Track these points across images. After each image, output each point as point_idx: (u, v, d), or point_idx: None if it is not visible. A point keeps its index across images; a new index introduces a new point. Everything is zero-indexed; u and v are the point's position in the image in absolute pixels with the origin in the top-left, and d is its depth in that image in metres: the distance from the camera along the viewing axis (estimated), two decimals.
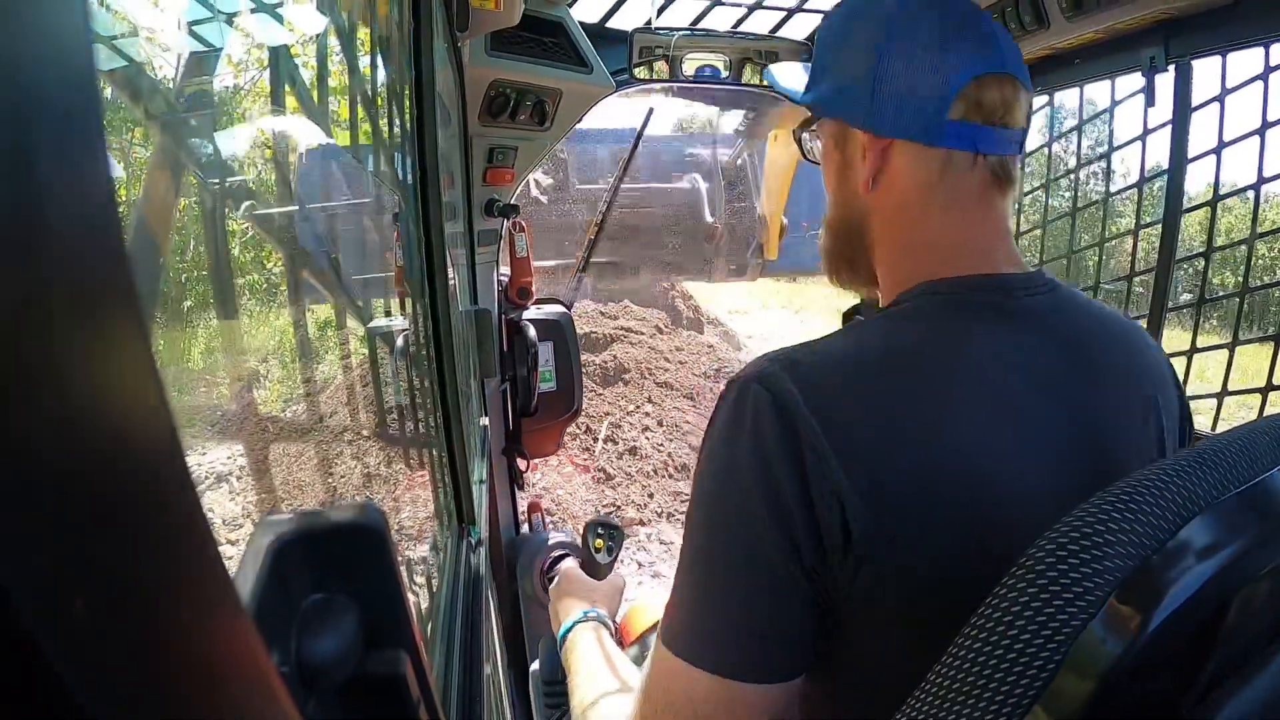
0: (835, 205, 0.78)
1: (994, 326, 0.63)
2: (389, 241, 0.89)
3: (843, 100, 0.72)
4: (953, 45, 0.66)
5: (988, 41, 0.68)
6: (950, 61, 0.66)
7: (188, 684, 0.15)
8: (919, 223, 0.70)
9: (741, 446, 0.57)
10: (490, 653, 0.89)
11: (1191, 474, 0.48)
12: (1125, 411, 0.66)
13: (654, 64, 1.70)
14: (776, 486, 0.56)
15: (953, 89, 0.66)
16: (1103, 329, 0.68)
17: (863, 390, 0.58)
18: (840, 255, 0.79)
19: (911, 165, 0.69)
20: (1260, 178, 1.25)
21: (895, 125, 0.68)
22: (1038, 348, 0.63)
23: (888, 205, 0.72)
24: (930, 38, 0.67)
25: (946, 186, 0.68)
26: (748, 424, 0.57)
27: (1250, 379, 1.33)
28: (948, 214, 0.69)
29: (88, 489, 0.12)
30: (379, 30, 0.72)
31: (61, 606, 0.11)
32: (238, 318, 0.70)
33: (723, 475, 0.59)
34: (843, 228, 0.77)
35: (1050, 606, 0.44)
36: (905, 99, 0.67)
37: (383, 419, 0.89)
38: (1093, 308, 0.70)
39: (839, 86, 0.72)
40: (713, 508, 0.59)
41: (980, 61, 0.67)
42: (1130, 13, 1.22)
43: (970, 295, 0.65)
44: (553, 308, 1.95)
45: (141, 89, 0.41)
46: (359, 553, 0.29)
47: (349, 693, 0.29)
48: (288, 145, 0.68)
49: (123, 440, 0.13)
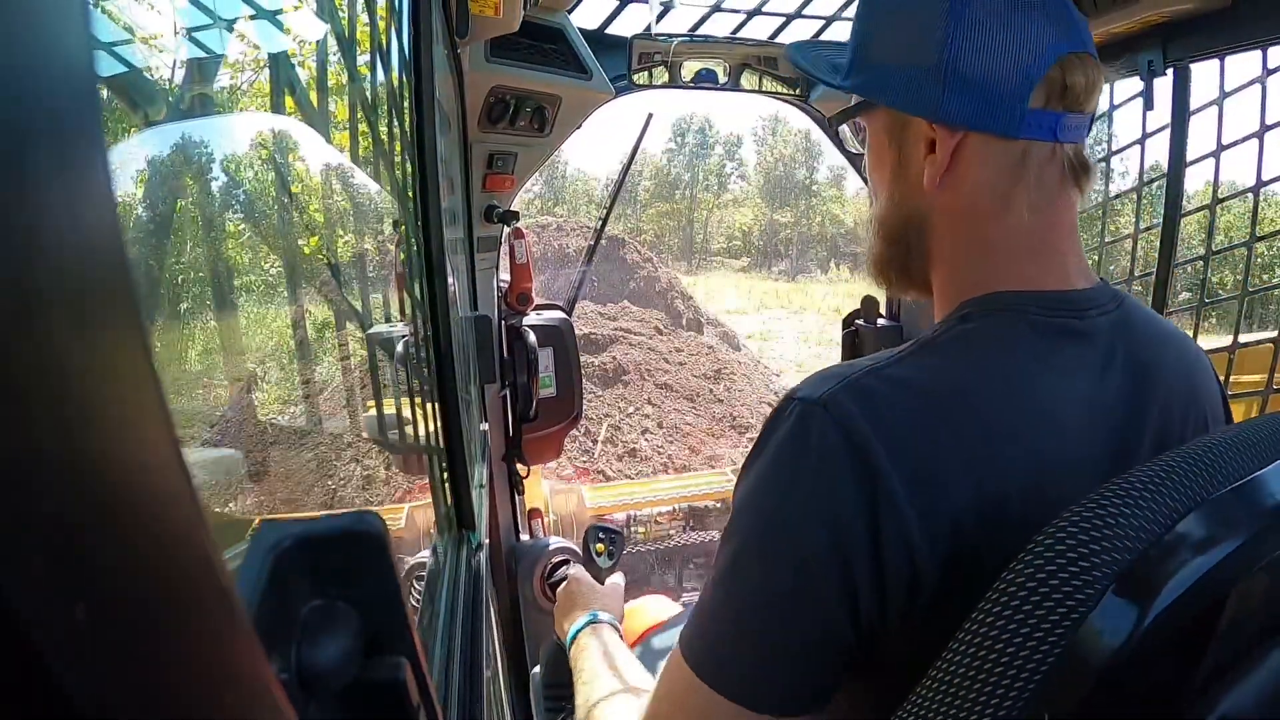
0: (889, 205, 0.70)
1: (1067, 352, 0.59)
2: (389, 247, 0.89)
3: (902, 86, 0.63)
4: (1033, 20, 0.59)
5: (1066, 15, 0.61)
6: (1031, 40, 0.59)
7: (187, 690, 0.14)
8: (989, 224, 0.63)
9: (804, 479, 0.54)
10: (490, 658, 0.89)
11: (1189, 470, 0.48)
12: (1186, 435, 0.64)
13: (653, 70, 1.70)
14: (842, 536, 0.52)
15: (1037, 73, 0.59)
16: (1165, 348, 0.65)
17: (938, 429, 0.54)
18: (893, 261, 0.71)
19: (985, 160, 0.62)
20: (1259, 180, 1.26)
21: (970, 116, 0.61)
22: (1108, 372, 0.60)
23: (955, 205, 0.65)
24: (1008, 11, 0.59)
25: (1024, 183, 0.62)
26: (812, 457, 0.53)
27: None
28: (1022, 215, 0.62)
29: (88, 494, 0.12)
30: (379, 36, 0.72)
31: (62, 612, 0.11)
32: (237, 322, 0.70)
33: (779, 503, 0.55)
34: (899, 230, 0.69)
35: (1049, 600, 0.44)
36: (981, 85, 0.60)
37: (383, 424, 0.89)
38: (1152, 324, 0.67)
39: (896, 70, 0.64)
40: (765, 536, 0.55)
41: (1064, 40, 0.60)
42: (1128, 16, 1.22)
43: (1042, 315, 0.60)
44: (553, 314, 1.95)
45: (142, 94, 0.41)
46: (359, 558, 0.29)
47: (349, 699, 0.29)
48: (288, 151, 0.68)
49: (123, 445, 0.12)
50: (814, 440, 0.53)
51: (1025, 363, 0.58)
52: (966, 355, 0.59)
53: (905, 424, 0.54)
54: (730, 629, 0.56)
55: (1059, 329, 0.60)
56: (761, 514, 0.56)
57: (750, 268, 29.18)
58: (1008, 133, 0.61)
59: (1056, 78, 0.60)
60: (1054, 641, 0.43)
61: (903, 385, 0.56)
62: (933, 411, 0.55)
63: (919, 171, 0.65)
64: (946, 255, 0.67)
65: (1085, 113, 0.62)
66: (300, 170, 0.75)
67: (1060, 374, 0.58)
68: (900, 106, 0.65)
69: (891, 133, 0.67)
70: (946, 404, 0.55)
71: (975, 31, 0.59)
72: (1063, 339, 0.60)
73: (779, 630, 0.54)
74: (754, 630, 0.55)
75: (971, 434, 0.54)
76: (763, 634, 0.55)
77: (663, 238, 30.80)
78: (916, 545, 0.52)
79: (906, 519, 0.51)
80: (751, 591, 0.55)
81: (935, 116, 0.62)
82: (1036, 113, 0.60)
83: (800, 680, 0.55)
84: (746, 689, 0.54)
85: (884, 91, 0.65)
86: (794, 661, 0.54)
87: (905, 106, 0.64)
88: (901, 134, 0.66)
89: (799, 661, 0.54)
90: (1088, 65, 0.61)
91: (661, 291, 9.47)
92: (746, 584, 0.56)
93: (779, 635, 0.54)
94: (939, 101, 0.61)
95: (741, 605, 0.56)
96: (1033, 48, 0.59)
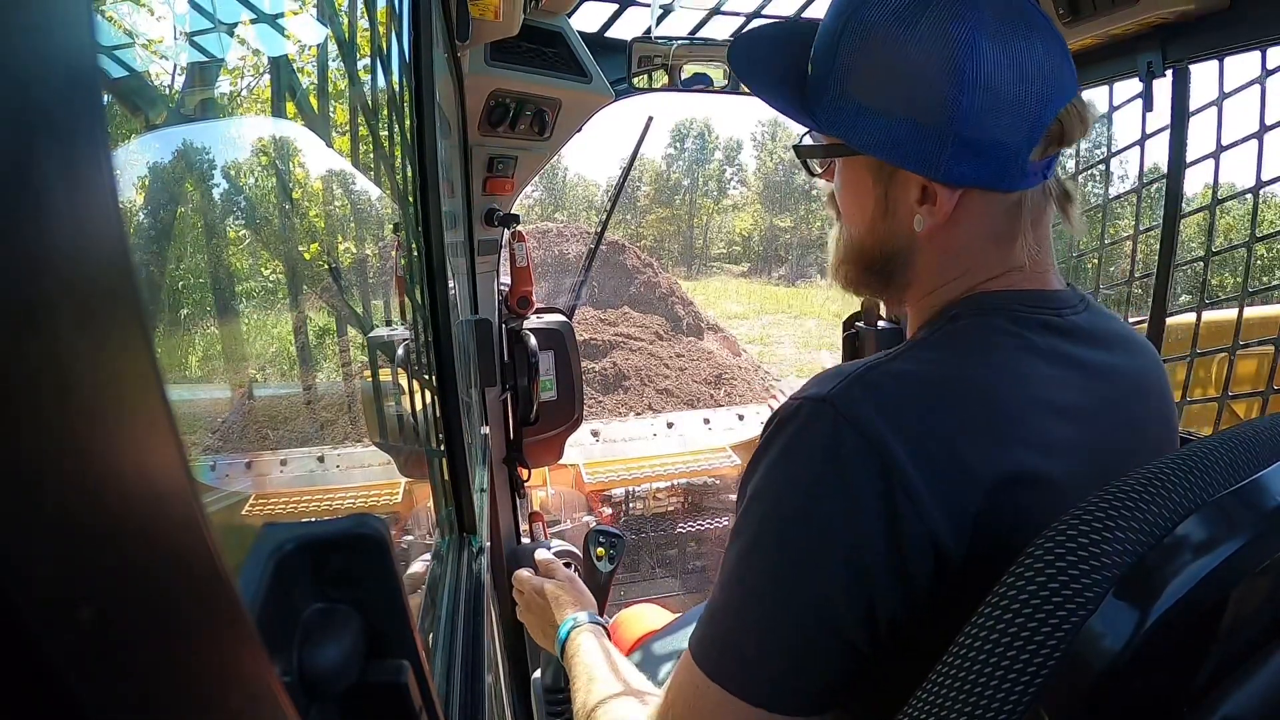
0: (870, 238, 0.67)
1: (1053, 345, 0.60)
2: (389, 251, 0.89)
3: (898, 141, 0.60)
4: (1037, 79, 0.57)
5: (1065, 62, 0.59)
6: (1035, 101, 0.58)
7: (191, 693, 0.15)
8: (979, 256, 0.64)
9: (818, 481, 0.53)
10: (492, 661, 0.89)
11: (1189, 472, 0.48)
12: (1160, 428, 0.67)
13: (653, 73, 1.71)
14: (861, 541, 0.52)
15: (1040, 133, 0.59)
16: (1124, 348, 0.66)
17: (948, 414, 0.54)
18: (870, 284, 0.71)
19: (983, 212, 0.62)
20: (1259, 180, 1.26)
21: (975, 178, 0.60)
22: (1089, 366, 0.62)
23: (948, 247, 0.64)
24: (1013, 71, 0.57)
25: (1020, 226, 0.63)
26: (826, 457, 0.53)
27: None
28: (1011, 244, 0.63)
29: (92, 498, 0.12)
30: (379, 40, 0.73)
31: (67, 615, 0.11)
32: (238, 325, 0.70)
33: (795, 506, 0.54)
34: (878, 261, 0.68)
35: (1049, 603, 0.44)
36: (988, 149, 0.58)
37: (384, 428, 0.89)
38: (1113, 324, 0.68)
39: (889, 120, 0.60)
40: (779, 539, 0.54)
41: (1063, 93, 0.59)
42: (1127, 18, 1.23)
43: (1025, 311, 0.61)
44: (553, 317, 1.96)
45: (144, 99, 0.42)
46: (360, 562, 0.29)
47: (351, 702, 0.29)
48: (288, 155, 0.68)
49: (127, 449, 0.13)
50: (826, 439, 0.53)
51: (1018, 353, 0.59)
52: (963, 347, 0.60)
53: (916, 412, 0.54)
54: (741, 629, 0.56)
55: (1042, 324, 0.61)
56: (775, 516, 0.55)
57: (750, 273, 29.20)
58: (1011, 188, 0.61)
59: (1056, 131, 0.60)
60: (1054, 644, 0.43)
61: (907, 377, 0.56)
62: (940, 398, 0.55)
63: (908, 214, 0.63)
64: (932, 277, 0.66)
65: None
66: (300, 175, 0.75)
67: (1049, 363, 0.59)
68: (897, 162, 0.61)
69: (876, 174, 0.64)
70: (952, 390, 0.56)
71: (982, 94, 0.57)
72: (1047, 333, 0.61)
73: (791, 637, 0.54)
74: (766, 632, 0.55)
75: (980, 417, 0.55)
76: (773, 636, 0.54)
77: (663, 243, 30.82)
78: (939, 532, 0.51)
79: (927, 509, 0.51)
80: (765, 596, 0.55)
81: (937, 176, 0.60)
82: (1038, 164, 0.61)
83: (813, 684, 0.54)
84: (759, 690, 0.54)
85: (877, 145, 0.61)
86: (807, 666, 0.54)
87: (904, 163, 0.61)
88: (889, 178, 0.63)
89: (812, 666, 0.54)
90: (1082, 109, 0.61)
91: (662, 297, 9.48)
92: (759, 588, 0.55)
93: (792, 643, 0.54)
94: (941, 162, 0.59)
95: (758, 611, 0.55)
96: (1037, 108, 0.58)
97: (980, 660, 0.45)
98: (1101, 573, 0.44)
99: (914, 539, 0.51)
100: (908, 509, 0.51)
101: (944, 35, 0.57)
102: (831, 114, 0.64)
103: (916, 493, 0.51)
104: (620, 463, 3.28)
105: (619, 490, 3.28)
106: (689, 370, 7.57)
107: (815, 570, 0.53)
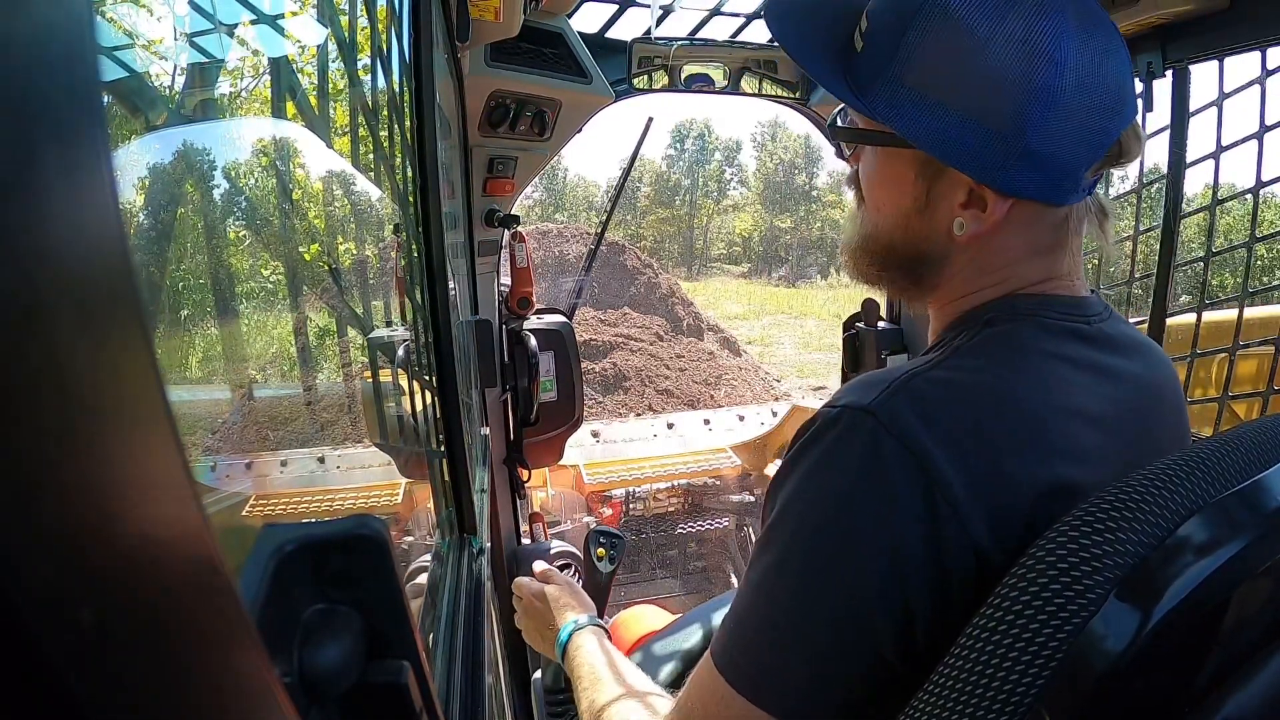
0: (900, 234, 0.65)
1: (1082, 352, 0.60)
2: (390, 252, 0.89)
3: (959, 140, 0.57)
4: (1110, 89, 0.56)
5: (1129, 67, 0.58)
6: (1107, 113, 0.56)
7: (191, 693, 0.14)
8: (1017, 268, 0.62)
9: (859, 496, 0.52)
10: (493, 662, 0.89)
11: (1190, 474, 0.48)
12: (1176, 438, 0.66)
13: (653, 74, 1.71)
14: (901, 545, 0.51)
15: (1104, 149, 0.58)
16: (1144, 356, 0.66)
17: (991, 424, 0.53)
18: (893, 281, 0.69)
19: (1031, 223, 0.61)
20: (1259, 181, 1.26)
21: (1032, 190, 0.58)
22: (1115, 374, 0.61)
23: (983, 254, 0.62)
24: (1095, 99, 0.56)
25: (1064, 241, 0.63)
26: (867, 471, 0.51)
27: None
28: (1050, 257, 0.63)
29: (92, 500, 0.12)
30: (379, 41, 0.73)
31: (68, 617, 0.11)
32: (238, 326, 0.70)
33: (834, 518, 0.53)
34: (907, 260, 0.65)
35: (1052, 605, 0.44)
36: (1052, 163, 0.57)
37: (384, 429, 0.89)
38: (1132, 332, 0.68)
39: (951, 117, 0.57)
40: (816, 551, 0.53)
41: (1130, 106, 0.58)
42: (1127, 18, 1.22)
43: (1056, 319, 0.60)
44: (553, 317, 1.95)
45: (144, 99, 0.42)
46: (361, 563, 0.29)
47: (351, 702, 0.29)
48: (288, 155, 0.68)
49: (127, 450, 0.13)
50: (866, 449, 0.52)
51: (1052, 361, 0.58)
52: (1001, 354, 0.59)
53: (960, 423, 0.53)
54: (768, 638, 0.55)
55: (1072, 331, 0.61)
56: (809, 525, 0.54)
57: (750, 273, 29.20)
58: (1062, 202, 0.60)
59: (1115, 150, 0.59)
60: (1055, 647, 0.43)
61: (950, 386, 0.55)
62: (983, 408, 0.54)
63: (948, 215, 0.61)
64: (964, 283, 0.64)
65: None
66: (300, 175, 0.75)
67: (1080, 371, 0.59)
68: (952, 163, 0.59)
69: (920, 169, 0.61)
70: (995, 400, 0.55)
71: (1060, 116, 0.55)
72: (1077, 340, 0.60)
73: (821, 652, 0.53)
74: (793, 643, 0.54)
75: (1021, 428, 0.54)
76: (801, 648, 0.54)
77: (663, 243, 30.82)
78: (982, 542, 0.51)
79: (970, 519, 0.50)
80: (793, 603, 0.54)
81: (995, 184, 0.58)
82: (1090, 180, 0.60)
83: (838, 698, 0.54)
84: (784, 701, 0.54)
85: (932, 141, 0.58)
86: (834, 682, 0.53)
87: (960, 164, 0.58)
88: (935, 175, 0.61)
89: (839, 683, 0.53)
90: (1137, 127, 0.60)
91: (662, 297, 9.49)
92: (787, 595, 0.54)
93: (822, 658, 0.53)
94: (1003, 169, 0.57)
95: (786, 621, 0.54)
96: (1105, 125, 0.57)
97: (982, 661, 0.45)
98: (1103, 574, 0.44)
99: (956, 549, 0.51)
100: (950, 519, 0.50)
101: (1028, 39, 0.54)
102: (885, 100, 0.60)
103: (959, 503, 0.50)
104: (620, 463, 3.28)
105: (619, 491, 3.29)
106: (689, 371, 7.57)
107: (850, 578, 0.52)
